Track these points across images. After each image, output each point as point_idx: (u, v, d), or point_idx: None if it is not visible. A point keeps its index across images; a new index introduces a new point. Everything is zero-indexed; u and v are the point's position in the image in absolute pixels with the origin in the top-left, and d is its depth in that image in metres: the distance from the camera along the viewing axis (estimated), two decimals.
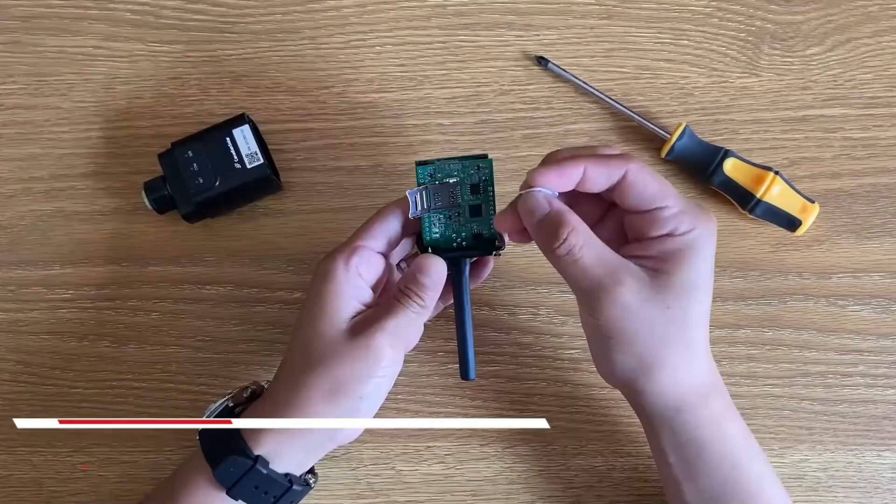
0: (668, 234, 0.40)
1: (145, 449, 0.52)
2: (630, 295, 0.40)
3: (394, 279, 0.47)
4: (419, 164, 0.45)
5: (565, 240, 0.39)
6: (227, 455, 0.43)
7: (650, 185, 0.40)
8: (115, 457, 0.52)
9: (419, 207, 0.44)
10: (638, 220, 0.41)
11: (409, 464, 0.52)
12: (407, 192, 0.44)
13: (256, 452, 0.43)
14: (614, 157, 0.41)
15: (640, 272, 0.40)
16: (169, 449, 0.52)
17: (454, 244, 0.45)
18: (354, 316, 0.44)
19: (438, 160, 0.45)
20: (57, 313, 0.53)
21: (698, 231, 0.40)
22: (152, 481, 0.52)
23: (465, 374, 0.46)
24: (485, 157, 0.45)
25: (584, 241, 0.40)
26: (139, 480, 0.52)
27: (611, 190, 0.41)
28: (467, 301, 0.45)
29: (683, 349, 0.41)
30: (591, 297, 0.40)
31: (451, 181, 0.45)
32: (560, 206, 0.41)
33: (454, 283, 0.45)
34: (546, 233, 0.40)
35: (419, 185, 0.45)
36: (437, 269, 0.44)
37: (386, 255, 0.46)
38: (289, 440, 0.43)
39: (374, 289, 0.45)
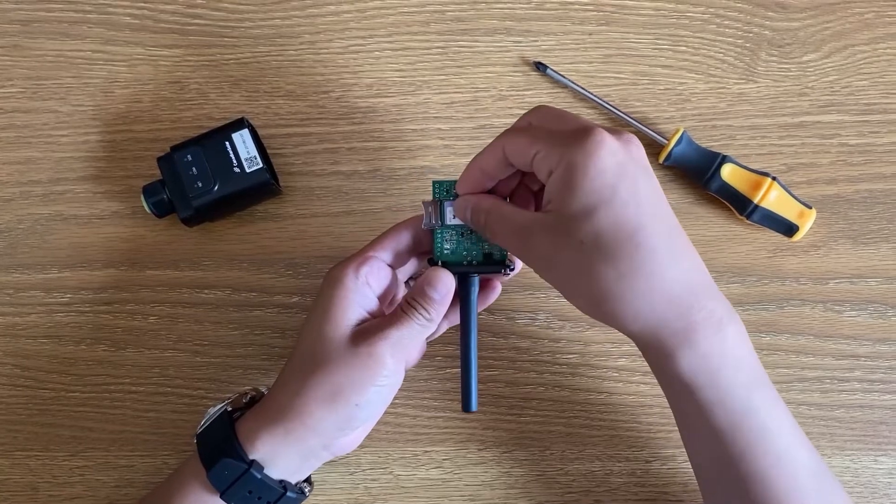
0: (549, 175, 0.39)
1: (142, 453, 0.52)
2: (542, 247, 0.39)
3: (401, 295, 0.48)
4: (436, 182, 0.45)
5: (480, 223, 0.42)
6: (222, 458, 0.43)
7: (521, 145, 0.40)
8: (112, 461, 0.52)
9: (432, 220, 0.44)
10: (536, 180, 0.41)
11: (406, 469, 0.52)
12: (422, 202, 0.44)
13: (252, 457, 0.43)
14: (492, 146, 0.41)
15: (546, 221, 0.39)
16: (166, 453, 0.52)
17: (464, 262, 0.45)
18: (359, 324, 0.44)
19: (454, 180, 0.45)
20: (55, 317, 0.53)
21: (568, 156, 0.37)
22: (149, 486, 0.52)
23: (466, 406, 0.44)
24: None
25: (489, 218, 0.41)
26: (136, 485, 0.52)
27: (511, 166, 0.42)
28: (474, 321, 0.45)
29: (623, 277, 0.37)
30: (525, 262, 0.41)
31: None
32: (468, 197, 0.43)
33: (462, 301, 0.45)
34: (472, 223, 0.43)
35: (434, 199, 0.45)
36: (445, 283, 0.43)
37: (396, 269, 0.46)
38: (284, 446, 0.43)
39: (381, 300, 0.45)
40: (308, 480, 0.47)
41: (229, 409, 0.46)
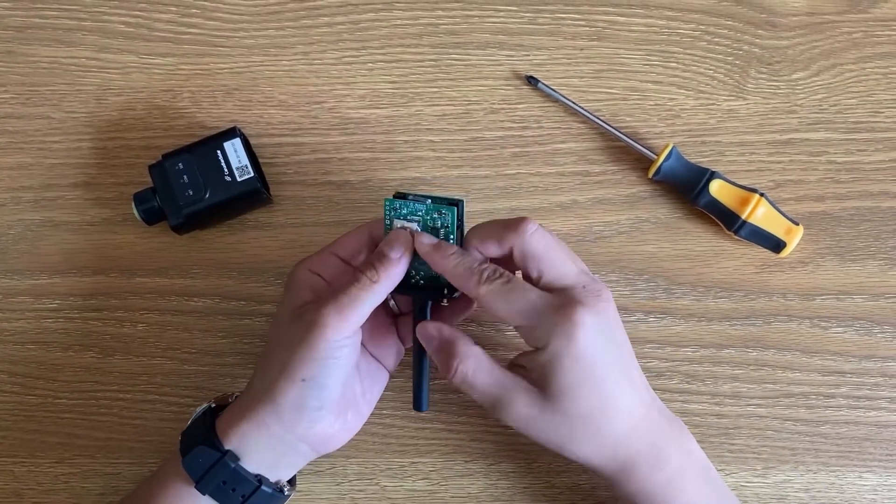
0: (535, 349, 0.42)
1: (128, 461, 0.52)
2: (525, 409, 0.42)
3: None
4: (395, 196, 0.45)
5: (457, 370, 0.42)
6: (197, 445, 0.43)
7: (503, 311, 0.42)
8: (98, 468, 0.52)
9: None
10: (518, 331, 0.44)
11: (393, 480, 0.52)
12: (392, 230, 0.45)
13: (227, 447, 0.43)
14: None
15: (528, 387, 0.42)
16: (152, 461, 0.52)
17: (412, 280, 0.46)
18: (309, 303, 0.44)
19: (413, 196, 0.45)
20: (43, 323, 0.53)
21: (552, 345, 0.41)
22: None
23: (417, 405, 0.47)
24: (456, 203, 0.44)
25: (475, 367, 0.43)
26: (122, 492, 0.52)
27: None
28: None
29: (591, 440, 0.43)
30: (494, 411, 0.43)
31: (409, 225, 0.45)
32: (449, 334, 0.43)
33: (414, 319, 0.46)
34: (440, 362, 0.43)
35: (385, 217, 0.45)
36: (402, 242, 0.43)
37: (353, 265, 0.46)
38: (255, 437, 0.43)
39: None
40: (291, 482, 0.47)
41: (213, 405, 0.47)
